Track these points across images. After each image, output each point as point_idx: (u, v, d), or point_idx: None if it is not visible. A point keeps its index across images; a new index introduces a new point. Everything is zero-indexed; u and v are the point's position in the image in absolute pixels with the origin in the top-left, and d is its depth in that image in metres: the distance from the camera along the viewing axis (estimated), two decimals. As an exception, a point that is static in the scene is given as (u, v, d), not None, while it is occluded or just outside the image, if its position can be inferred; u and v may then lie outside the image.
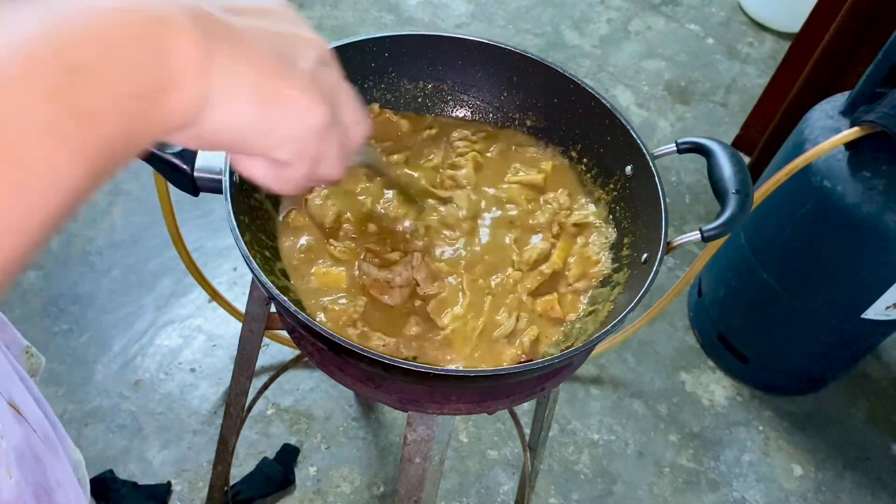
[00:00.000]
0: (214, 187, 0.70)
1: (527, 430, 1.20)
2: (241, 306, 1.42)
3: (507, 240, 0.83)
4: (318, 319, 0.73)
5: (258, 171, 0.38)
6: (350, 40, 0.84)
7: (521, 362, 0.74)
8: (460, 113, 0.94)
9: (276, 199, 0.81)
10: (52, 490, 0.53)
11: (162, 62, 0.29)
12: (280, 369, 1.26)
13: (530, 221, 0.85)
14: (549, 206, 0.86)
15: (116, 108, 0.28)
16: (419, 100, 0.93)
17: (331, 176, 0.41)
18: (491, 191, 0.87)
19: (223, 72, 0.31)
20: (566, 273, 0.81)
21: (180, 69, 0.30)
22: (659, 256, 0.71)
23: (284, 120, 0.34)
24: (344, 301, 0.75)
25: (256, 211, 0.77)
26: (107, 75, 0.27)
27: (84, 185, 0.27)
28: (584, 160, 0.89)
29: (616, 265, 0.82)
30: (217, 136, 0.33)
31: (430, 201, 0.84)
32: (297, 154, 0.36)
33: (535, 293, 0.79)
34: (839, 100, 1.33)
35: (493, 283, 0.79)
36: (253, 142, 0.35)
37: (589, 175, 0.89)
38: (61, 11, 0.27)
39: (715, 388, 1.64)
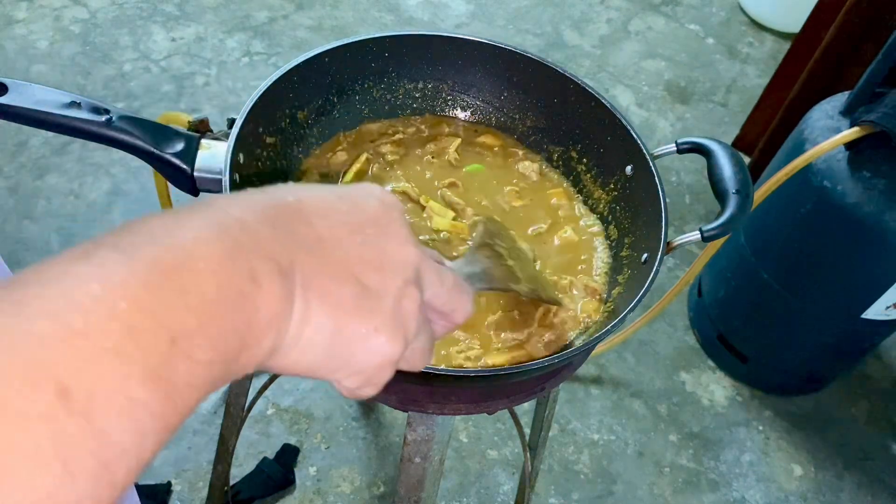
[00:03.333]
0: (214, 187, 0.70)
1: (527, 430, 1.20)
2: (241, 306, 1.42)
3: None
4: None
5: (335, 386, 0.38)
6: (350, 40, 0.84)
7: (520, 362, 0.73)
8: (460, 113, 0.94)
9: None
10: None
11: (248, 322, 0.29)
12: (280, 369, 1.26)
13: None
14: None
15: (204, 378, 0.27)
16: (419, 100, 0.93)
17: (414, 370, 0.41)
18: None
19: (301, 318, 0.32)
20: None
21: (262, 325, 0.30)
22: (659, 256, 0.71)
23: (354, 358, 0.35)
24: None
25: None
26: (201, 343, 0.26)
27: (157, 448, 0.26)
28: (584, 160, 0.89)
29: (616, 265, 0.82)
30: (286, 371, 0.34)
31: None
32: (365, 382, 0.37)
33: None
34: (839, 100, 1.33)
35: None
36: (323, 374, 0.35)
37: (589, 175, 0.89)
38: (165, 265, 0.26)
39: (715, 388, 1.64)
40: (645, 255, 0.76)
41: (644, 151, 0.80)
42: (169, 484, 1.35)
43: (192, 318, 0.26)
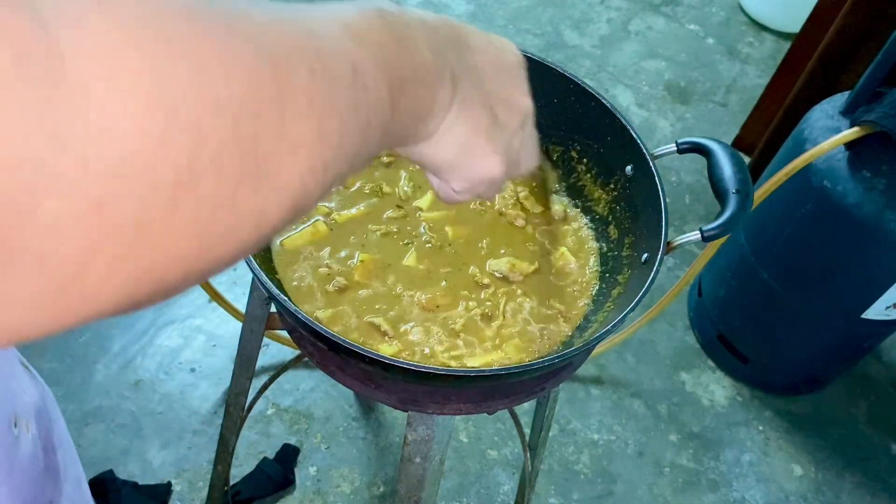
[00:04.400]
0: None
1: (527, 430, 1.20)
2: (241, 306, 1.42)
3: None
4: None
5: (434, 181, 0.48)
6: (350, 40, 0.84)
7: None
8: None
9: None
10: (56, 448, 0.55)
11: (433, 102, 0.38)
12: (280, 369, 1.26)
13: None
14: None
15: (408, 117, 0.37)
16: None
17: (487, 197, 0.53)
18: None
19: (451, 121, 0.41)
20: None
21: (435, 111, 0.39)
22: (659, 256, 0.71)
23: (472, 167, 0.44)
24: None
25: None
26: (414, 93, 0.36)
27: (374, 150, 0.34)
28: (584, 160, 0.89)
29: (616, 265, 0.82)
30: (423, 159, 0.43)
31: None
32: (469, 189, 0.46)
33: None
34: (839, 100, 1.33)
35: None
36: (444, 172, 0.45)
37: (589, 175, 0.89)
38: (401, 34, 0.35)
39: (715, 388, 1.64)
40: (645, 255, 0.76)
41: (644, 151, 0.80)
42: (169, 484, 1.35)
43: (413, 74, 0.36)
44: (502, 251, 0.83)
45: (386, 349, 0.73)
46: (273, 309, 0.88)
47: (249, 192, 0.25)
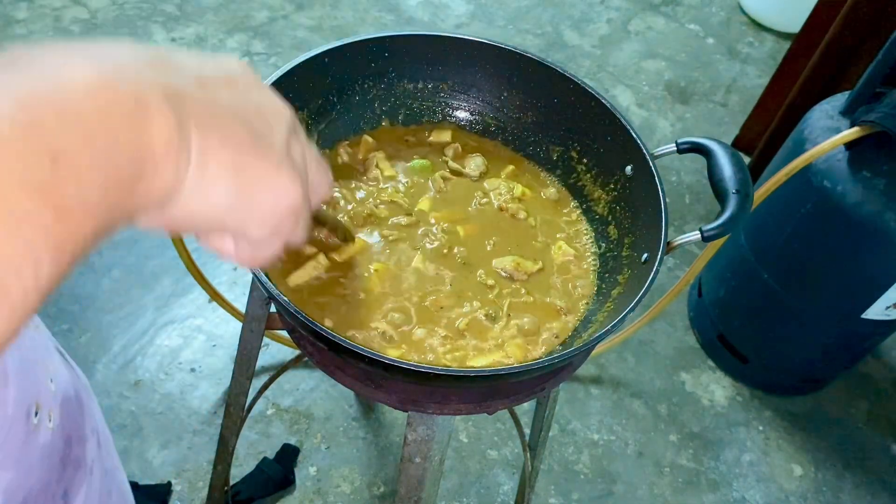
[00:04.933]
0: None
1: (527, 430, 1.20)
2: (241, 306, 1.42)
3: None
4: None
5: (228, 248, 0.37)
6: (350, 40, 0.84)
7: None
8: (460, 114, 0.94)
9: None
10: (85, 439, 0.54)
11: (140, 146, 0.28)
12: (280, 369, 1.26)
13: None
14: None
15: (98, 200, 0.26)
16: (419, 100, 0.93)
17: (297, 241, 0.39)
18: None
19: (199, 152, 0.30)
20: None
21: (157, 152, 0.28)
22: (659, 256, 0.71)
23: (262, 200, 0.34)
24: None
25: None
26: (88, 164, 0.26)
27: (55, 274, 0.26)
28: (584, 160, 0.89)
29: (616, 265, 0.82)
30: (192, 218, 0.32)
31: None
32: (272, 231, 0.36)
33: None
34: (839, 100, 1.33)
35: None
36: (228, 223, 0.34)
37: (589, 175, 0.89)
38: (35, 88, 0.25)
39: (715, 388, 1.64)
40: (645, 255, 0.76)
41: (644, 151, 0.80)
42: (169, 484, 1.35)
43: (71, 137, 0.25)
44: (509, 248, 0.83)
45: (393, 352, 0.73)
46: (273, 309, 0.88)
47: None
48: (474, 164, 0.90)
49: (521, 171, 0.92)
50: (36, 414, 0.47)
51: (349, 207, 0.83)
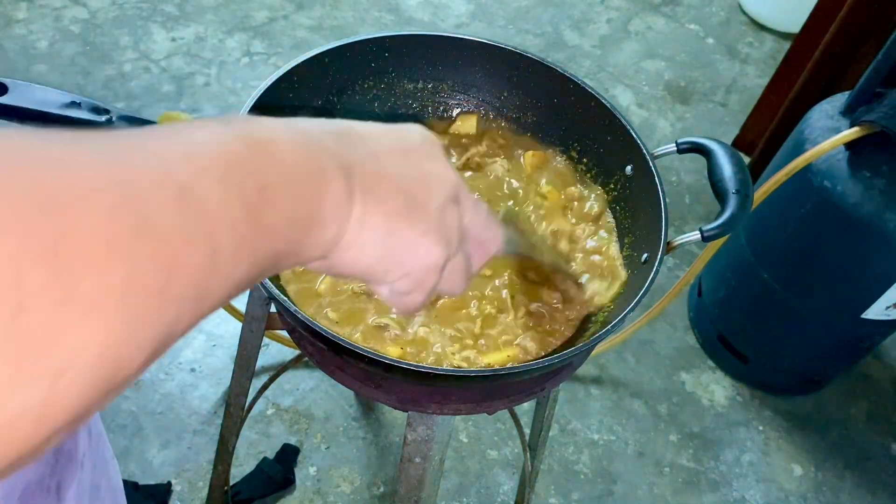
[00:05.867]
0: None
1: (527, 430, 1.20)
2: (241, 306, 1.42)
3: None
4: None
5: (384, 293, 0.42)
6: (350, 40, 0.84)
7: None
8: (460, 113, 0.94)
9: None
10: (76, 431, 0.54)
11: (318, 202, 0.33)
12: (280, 369, 1.26)
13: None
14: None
15: (283, 230, 0.32)
16: (419, 100, 0.93)
17: (454, 293, 0.46)
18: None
19: (359, 217, 0.36)
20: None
21: (327, 212, 0.34)
22: (659, 256, 0.71)
23: (403, 260, 0.39)
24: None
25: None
26: (282, 199, 0.31)
27: (242, 282, 0.30)
28: (584, 160, 0.89)
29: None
30: (345, 269, 0.38)
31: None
32: (415, 286, 0.41)
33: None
34: (839, 100, 1.33)
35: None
36: (376, 276, 0.39)
37: (589, 175, 0.89)
38: (254, 134, 0.32)
39: (715, 388, 1.64)
40: (645, 255, 0.76)
41: (644, 151, 0.80)
42: (169, 484, 1.35)
43: (276, 178, 0.31)
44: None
45: (392, 351, 0.73)
46: (273, 309, 0.88)
47: (13, 386, 0.20)
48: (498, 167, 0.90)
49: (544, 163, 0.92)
50: None
51: None
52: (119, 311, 0.22)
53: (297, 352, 1.38)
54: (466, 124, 0.92)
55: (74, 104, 0.68)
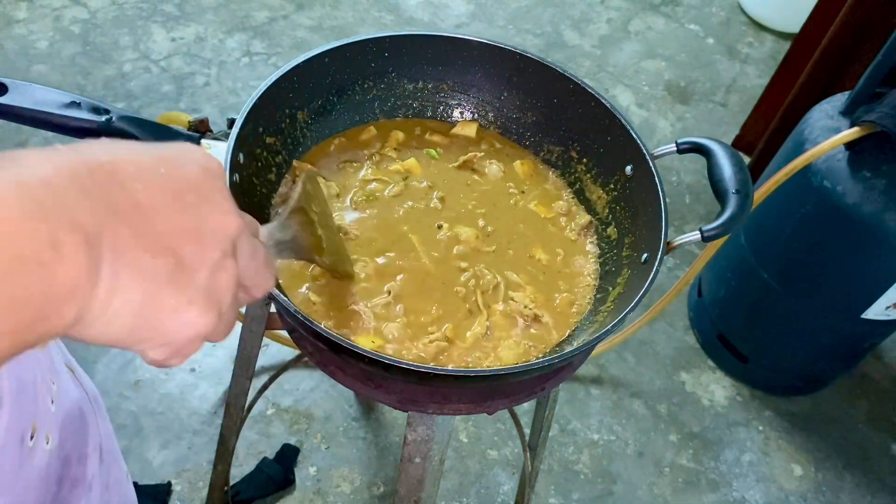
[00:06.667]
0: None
1: (527, 430, 1.20)
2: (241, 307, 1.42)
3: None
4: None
5: (140, 355, 0.37)
6: (350, 40, 0.84)
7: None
8: (460, 114, 0.94)
9: (270, 201, 0.81)
10: (86, 457, 0.53)
11: (46, 293, 0.28)
12: (280, 369, 1.26)
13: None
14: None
15: (3, 327, 0.27)
16: (419, 100, 0.93)
17: (218, 341, 0.41)
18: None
19: (107, 289, 0.31)
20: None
21: (61, 296, 0.29)
22: (659, 256, 0.71)
23: (162, 333, 0.34)
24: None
25: (255, 211, 0.77)
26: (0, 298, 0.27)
27: None
28: (584, 160, 0.89)
29: (616, 265, 0.82)
30: (91, 341, 0.33)
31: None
32: (173, 353, 0.36)
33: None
34: (839, 100, 1.33)
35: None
36: (128, 346, 0.34)
37: (589, 175, 0.89)
38: None
39: (715, 388, 1.64)
40: (645, 255, 0.76)
41: (644, 151, 0.80)
42: (169, 484, 1.35)
43: None
44: (531, 254, 0.83)
45: (363, 341, 0.72)
46: (273, 309, 0.88)
47: None
48: (494, 168, 0.90)
49: (533, 171, 0.92)
50: (31, 437, 0.46)
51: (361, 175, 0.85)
52: None
53: (297, 352, 1.38)
54: (467, 129, 0.93)
55: (74, 104, 0.68)
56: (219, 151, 0.72)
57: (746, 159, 1.93)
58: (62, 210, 0.28)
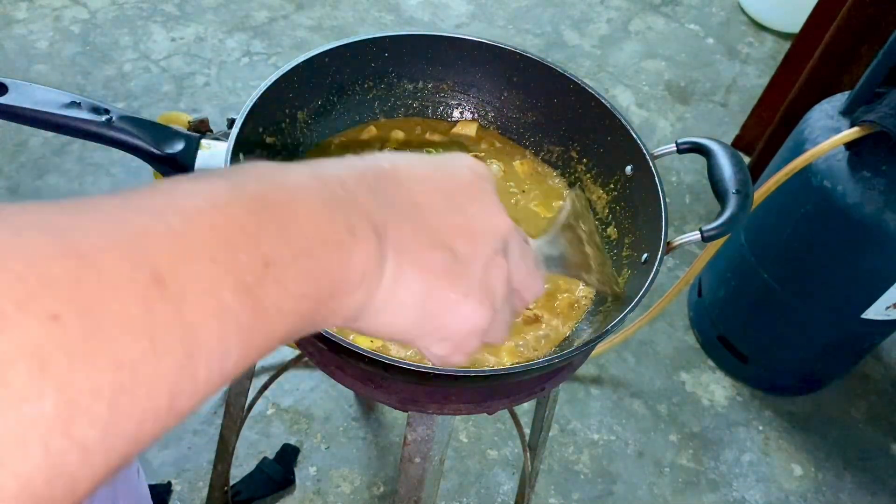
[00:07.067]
0: (214, 187, 0.70)
1: (527, 430, 1.20)
2: (241, 306, 1.42)
3: None
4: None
5: (422, 349, 0.38)
6: (350, 40, 0.84)
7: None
8: (460, 114, 0.94)
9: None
10: None
11: (341, 271, 0.30)
12: (280, 369, 1.26)
13: None
14: None
15: (293, 308, 0.28)
16: (419, 100, 0.93)
17: (494, 345, 0.43)
18: None
19: (392, 279, 0.32)
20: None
21: (354, 278, 0.31)
22: (659, 256, 0.71)
23: (443, 323, 0.35)
24: None
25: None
26: (293, 276, 0.27)
27: (239, 366, 0.26)
28: (584, 160, 0.89)
29: (616, 265, 0.82)
30: (377, 331, 0.34)
31: None
32: (455, 350, 0.37)
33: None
34: (839, 100, 1.33)
35: None
36: (411, 339, 0.36)
37: (589, 175, 0.89)
38: (266, 196, 0.28)
39: (715, 388, 1.64)
40: (645, 255, 0.76)
41: (644, 151, 0.80)
42: (169, 484, 1.35)
43: (287, 251, 0.27)
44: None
45: (363, 341, 0.73)
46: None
47: None
48: (494, 168, 0.90)
49: (531, 171, 0.92)
50: None
51: None
52: (43, 445, 0.19)
53: (297, 352, 1.38)
54: (467, 128, 0.93)
55: (74, 104, 0.68)
56: (219, 151, 0.72)
57: (746, 159, 1.93)
58: (355, 203, 0.31)
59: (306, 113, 0.85)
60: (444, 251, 0.35)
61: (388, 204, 0.33)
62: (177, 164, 0.70)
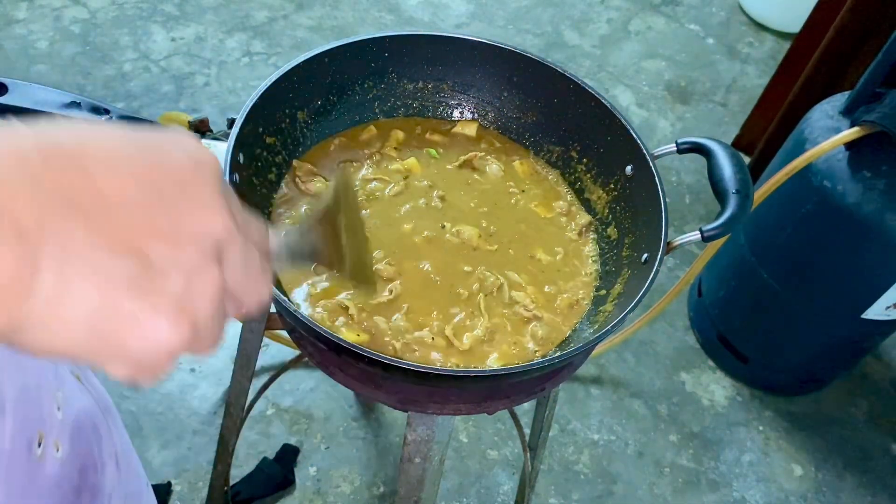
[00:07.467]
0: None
1: (527, 430, 1.20)
2: (241, 306, 1.42)
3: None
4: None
5: (105, 372, 0.31)
6: (350, 40, 0.84)
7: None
8: (460, 114, 0.94)
9: (271, 201, 0.81)
10: (102, 465, 0.53)
11: None
12: (280, 369, 1.26)
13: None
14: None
15: None
16: (419, 100, 0.93)
17: (205, 355, 0.35)
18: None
19: (52, 292, 0.26)
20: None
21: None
22: (659, 256, 0.71)
23: (121, 343, 0.29)
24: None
25: (254, 211, 0.77)
26: None
27: None
28: (584, 160, 0.89)
29: (616, 265, 0.82)
30: (40, 352, 0.28)
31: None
32: (138, 371, 0.30)
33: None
34: (839, 100, 1.33)
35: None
36: (83, 360, 0.29)
37: (589, 175, 0.89)
38: None
39: (715, 388, 1.64)
40: (645, 255, 0.76)
41: (644, 151, 0.80)
42: (169, 484, 1.35)
43: None
44: (531, 255, 0.83)
45: (349, 335, 0.73)
46: (273, 309, 0.88)
47: None
48: (494, 168, 0.90)
49: (531, 172, 0.92)
50: (39, 444, 0.44)
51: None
52: None
53: (297, 352, 1.38)
54: (467, 128, 0.93)
55: (74, 104, 0.68)
56: (219, 151, 0.72)
57: (746, 159, 1.93)
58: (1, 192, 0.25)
59: (306, 113, 0.85)
60: (130, 258, 0.28)
61: (55, 196, 0.26)
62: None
